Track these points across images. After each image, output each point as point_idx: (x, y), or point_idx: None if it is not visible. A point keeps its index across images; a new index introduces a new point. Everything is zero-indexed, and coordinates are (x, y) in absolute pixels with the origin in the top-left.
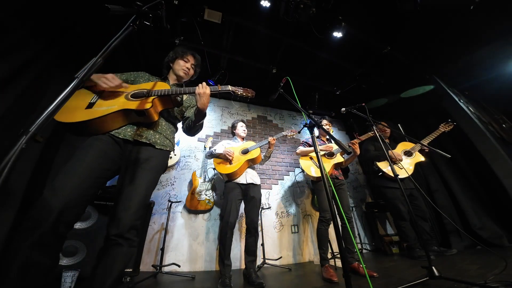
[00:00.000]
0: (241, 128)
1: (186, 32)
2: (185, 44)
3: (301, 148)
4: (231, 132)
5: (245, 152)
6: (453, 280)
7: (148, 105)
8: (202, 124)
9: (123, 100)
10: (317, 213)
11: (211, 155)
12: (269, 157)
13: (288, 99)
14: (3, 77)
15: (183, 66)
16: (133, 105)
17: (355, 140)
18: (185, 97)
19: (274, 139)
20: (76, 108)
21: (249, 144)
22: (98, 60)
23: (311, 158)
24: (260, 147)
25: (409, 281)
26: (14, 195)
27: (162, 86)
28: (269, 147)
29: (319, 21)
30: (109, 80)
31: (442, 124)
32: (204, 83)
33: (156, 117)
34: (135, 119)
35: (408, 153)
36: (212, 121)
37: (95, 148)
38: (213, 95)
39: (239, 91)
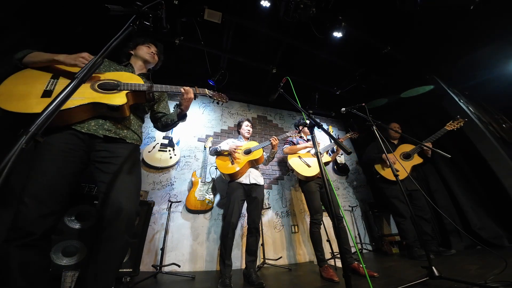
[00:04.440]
0: (246, 128)
1: (186, 32)
2: (185, 44)
3: (288, 146)
4: (237, 130)
5: (247, 152)
6: (453, 280)
7: (123, 101)
8: (180, 122)
9: (91, 92)
10: None
11: (215, 152)
12: (273, 158)
13: (288, 99)
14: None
15: (148, 51)
16: (105, 98)
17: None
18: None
19: (277, 140)
20: (27, 95)
21: (252, 144)
22: (98, 60)
23: (299, 157)
24: (262, 147)
25: (409, 281)
26: (14, 195)
27: (133, 79)
28: (272, 148)
29: (319, 21)
30: (87, 60)
31: (450, 122)
32: (188, 87)
33: (128, 113)
34: (103, 113)
35: (406, 156)
36: (212, 121)
37: (61, 151)
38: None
39: (215, 95)
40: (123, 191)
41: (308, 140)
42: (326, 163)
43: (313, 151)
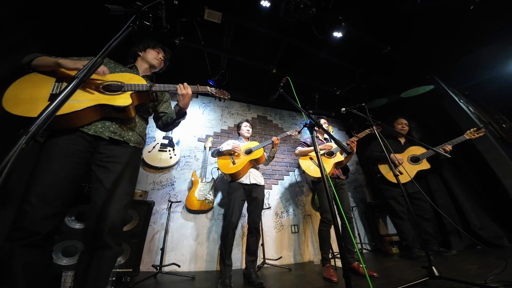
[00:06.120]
0: (245, 128)
1: (186, 32)
2: (185, 44)
3: (299, 148)
4: (237, 132)
5: (248, 152)
6: (453, 280)
7: (128, 102)
8: (180, 121)
9: (97, 94)
10: (317, 213)
11: (218, 153)
12: (273, 157)
13: (288, 99)
14: (3, 78)
15: (157, 56)
16: (110, 100)
17: (353, 138)
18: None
19: (278, 139)
20: (35, 100)
21: (253, 144)
22: (98, 60)
23: (311, 158)
24: (263, 147)
25: (409, 281)
26: (14, 195)
27: (136, 80)
28: (273, 147)
29: (319, 21)
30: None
31: (471, 131)
32: (185, 84)
33: (133, 113)
34: (109, 115)
35: (415, 159)
36: (212, 121)
37: (69, 152)
38: (206, 94)
39: (217, 93)
40: (113, 203)
41: (325, 139)
42: (339, 163)
43: (322, 152)
